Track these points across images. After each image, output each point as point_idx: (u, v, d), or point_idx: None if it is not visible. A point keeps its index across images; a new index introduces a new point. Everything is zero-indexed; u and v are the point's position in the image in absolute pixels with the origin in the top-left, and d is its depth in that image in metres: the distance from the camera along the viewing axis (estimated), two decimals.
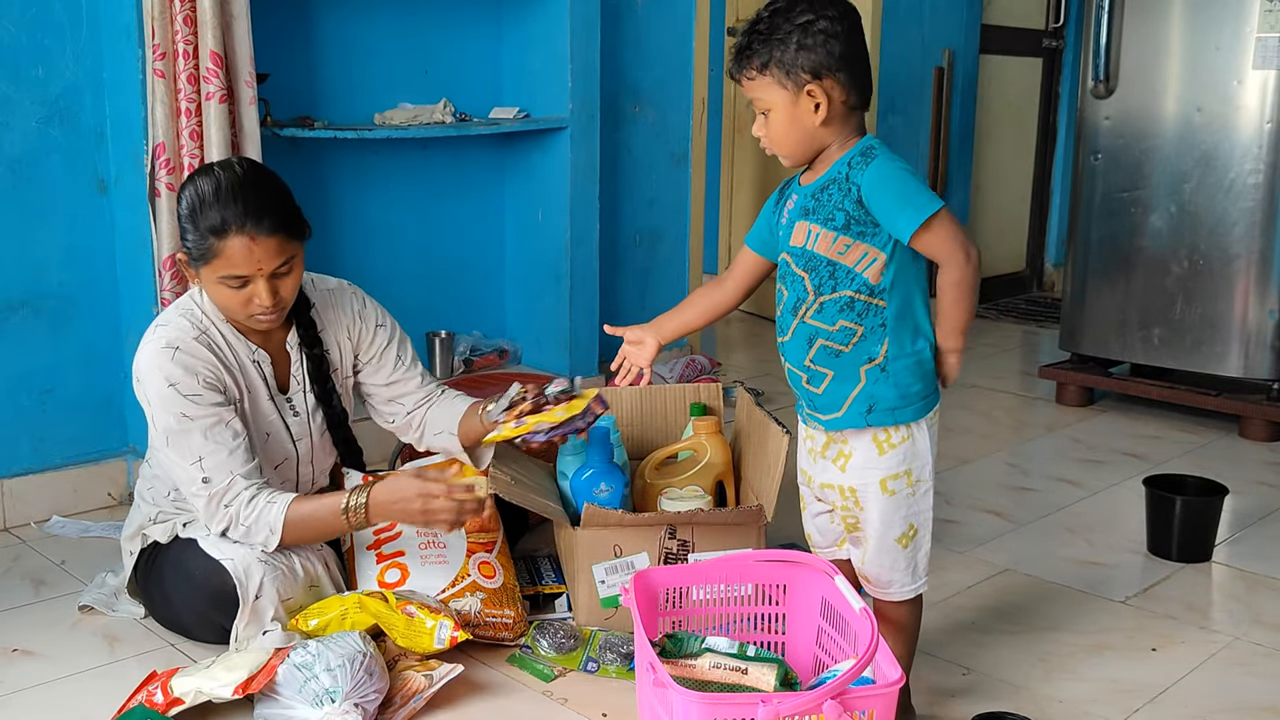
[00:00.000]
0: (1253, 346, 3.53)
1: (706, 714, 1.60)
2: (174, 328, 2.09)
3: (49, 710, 1.98)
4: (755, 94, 1.79)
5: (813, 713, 1.58)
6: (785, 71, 1.74)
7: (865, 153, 1.77)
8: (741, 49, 1.79)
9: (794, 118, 1.77)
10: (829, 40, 1.73)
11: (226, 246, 1.98)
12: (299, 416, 2.23)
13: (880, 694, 1.61)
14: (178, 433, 2.03)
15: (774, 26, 1.74)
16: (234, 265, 2.00)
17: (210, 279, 2.03)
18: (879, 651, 1.67)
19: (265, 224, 1.99)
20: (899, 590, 1.89)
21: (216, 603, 2.04)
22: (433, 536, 2.21)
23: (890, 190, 1.73)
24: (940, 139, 5.09)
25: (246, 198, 1.99)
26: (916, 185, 1.74)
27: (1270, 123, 3.41)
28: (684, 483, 2.44)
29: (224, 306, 2.08)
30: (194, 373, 2.04)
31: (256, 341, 2.16)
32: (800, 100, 1.75)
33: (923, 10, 4.90)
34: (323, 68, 3.22)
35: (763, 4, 1.78)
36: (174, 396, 2.03)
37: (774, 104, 1.77)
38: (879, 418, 1.80)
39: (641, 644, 1.78)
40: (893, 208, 1.73)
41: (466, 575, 2.18)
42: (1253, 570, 2.62)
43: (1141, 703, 2.05)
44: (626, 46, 3.82)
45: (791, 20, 1.74)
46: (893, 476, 1.83)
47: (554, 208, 3.59)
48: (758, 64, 1.76)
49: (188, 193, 2.02)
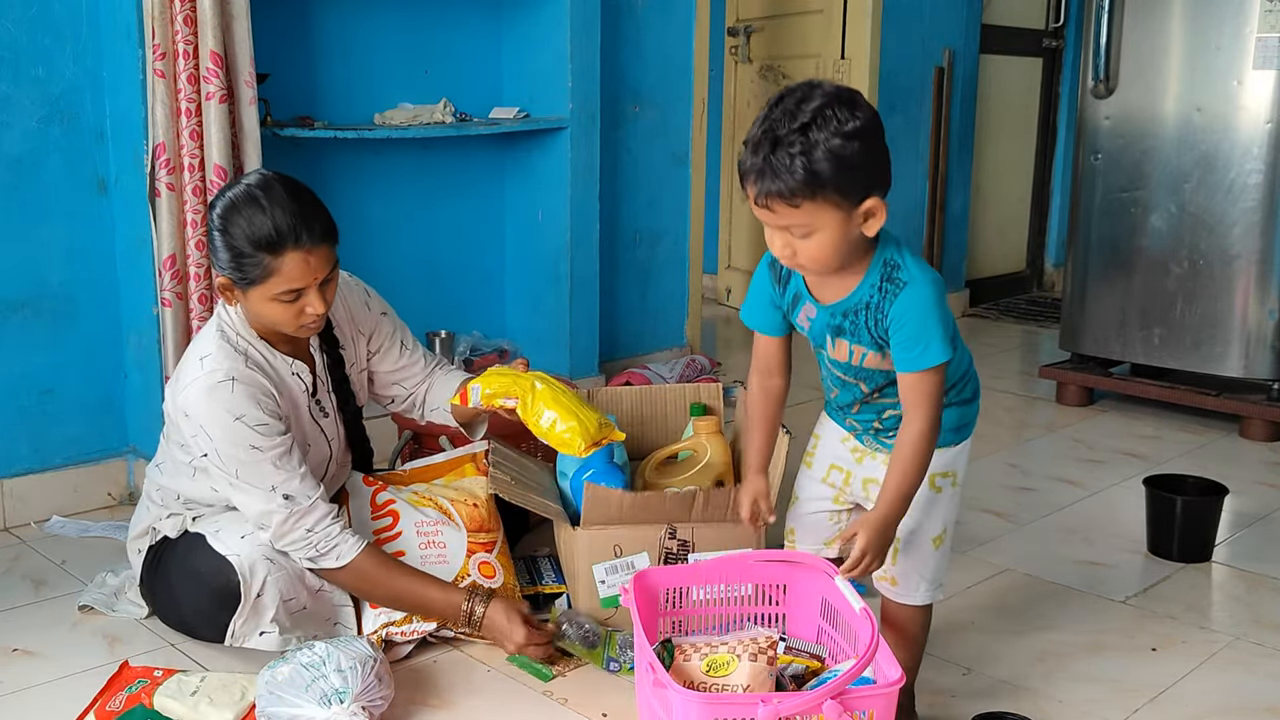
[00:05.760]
0: (1253, 346, 3.53)
1: (706, 714, 1.60)
2: (223, 358, 2.03)
3: (49, 710, 1.98)
4: (798, 220, 1.58)
5: (813, 712, 1.57)
6: (841, 193, 1.55)
7: (891, 275, 1.66)
8: (774, 173, 1.54)
9: (846, 237, 1.60)
10: (877, 144, 1.57)
11: (283, 264, 1.95)
12: (328, 417, 2.24)
13: (880, 694, 1.60)
14: (248, 465, 2.00)
15: (817, 142, 1.53)
16: (291, 280, 1.97)
17: (262, 298, 1.99)
18: (879, 651, 1.67)
19: (316, 233, 1.97)
20: (919, 593, 1.88)
21: (221, 599, 2.04)
22: (433, 536, 2.21)
23: (910, 325, 1.66)
24: (940, 139, 5.08)
25: (293, 212, 1.96)
26: (936, 324, 1.65)
27: (1270, 123, 3.41)
28: (684, 483, 2.44)
29: (274, 322, 2.03)
30: (256, 402, 2.01)
31: (288, 352, 2.14)
32: (854, 217, 1.58)
33: (923, 10, 4.89)
34: (323, 68, 3.22)
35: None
36: (242, 430, 1.99)
37: (823, 225, 1.58)
38: (946, 438, 1.82)
39: (641, 644, 1.77)
40: (905, 340, 1.66)
41: (466, 575, 2.19)
42: (1253, 570, 2.62)
43: (1141, 703, 2.05)
44: (626, 46, 3.82)
45: (842, 132, 1.53)
46: (941, 474, 1.84)
47: (554, 208, 3.59)
48: (807, 188, 1.54)
49: (231, 218, 1.96)
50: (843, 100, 1.56)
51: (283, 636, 2.04)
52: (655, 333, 4.13)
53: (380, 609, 2.13)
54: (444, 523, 2.25)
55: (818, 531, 1.99)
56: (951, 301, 5.28)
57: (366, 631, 2.11)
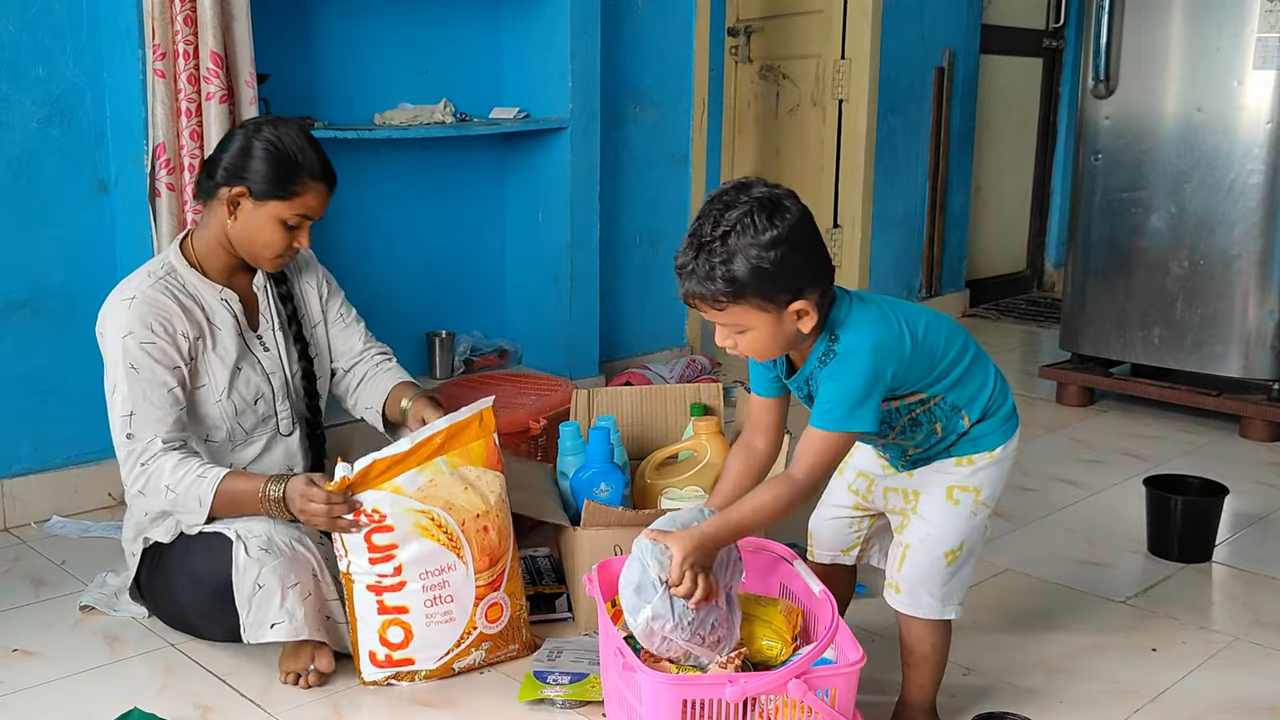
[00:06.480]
0: (1253, 346, 3.53)
1: (675, 694, 1.63)
2: (134, 281, 2.16)
3: (49, 710, 1.98)
4: (727, 320, 1.65)
5: (777, 692, 1.63)
6: (763, 297, 1.60)
7: (830, 349, 1.69)
8: (698, 278, 1.60)
9: (780, 334, 1.66)
10: (797, 250, 1.59)
11: (311, 190, 2.12)
12: (270, 352, 2.27)
13: (842, 673, 1.65)
14: (123, 382, 2.09)
15: (734, 251, 1.57)
16: (307, 208, 2.13)
17: (271, 216, 2.11)
18: (840, 633, 1.71)
19: (334, 178, 2.17)
20: (926, 607, 1.85)
21: (222, 596, 2.04)
22: (439, 591, 2.03)
23: (825, 387, 1.69)
24: (940, 139, 5.08)
25: (323, 151, 2.16)
26: (848, 395, 1.66)
27: (1270, 123, 3.41)
28: (684, 483, 2.44)
29: (264, 244, 2.14)
30: (146, 323, 2.10)
31: (221, 282, 2.22)
32: (784, 317, 1.64)
33: (923, 10, 4.89)
34: (323, 68, 3.22)
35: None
36: (130, 346, 2.09)
37: (753, 325, 1.64)
38: (963, 448, 1.82)
39: (607, 631, 1.78)
40: (819, 397, 1.70)
41: (473, 629, 2.07)
42: (1253, 570, 2.62)
43: (1141, 703, 2.05)
44: (626, 46, 3.82)
45: (758, 242, 1.57)
46: (961, 488, 1.82)
47: (554, 208, 3.59)
48: (727, 295, 1.60)
49: (284, 135, 2.11)
50: (765, 207, 1.59)
51: (294, 626, 2.02)
52: (655, 333, 4.13)
53: (381, 665, 2.05)
54: (450, 567, 2.03)
55: (836, 537, 1.99)
56: (951, 301, 5.31)
57: (367, 679, 2.05)
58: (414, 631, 2.03)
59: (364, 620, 2.03)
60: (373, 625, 2.03)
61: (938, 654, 1.89)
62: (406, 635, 2.03)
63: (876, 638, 2.17)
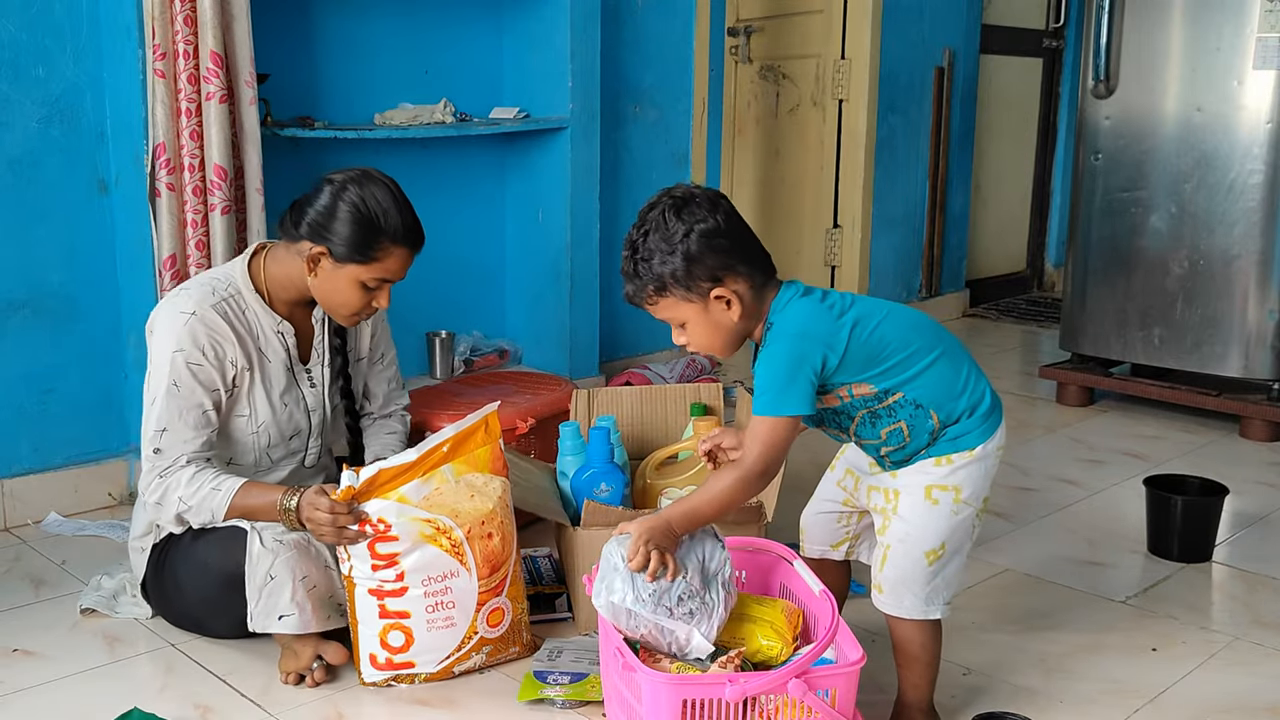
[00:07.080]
0: (1253, 346, 3.53)
1: (674, 694, 1.64)
2: (195, 292, 2.13)
3: (49, 710, 1.98)
4: (665, 314, 1.79)
5: (777, 692, 1.64)
6: (685, 288, 1.74)
7: (766, 336, 1.78)
8: (630, 277, 1.78)
9: (712, 323, 1.78)
10: (711, 240, 1.72)
11: (393, 255, 2.09)
12: (315, 389, 2.28)
13: (842, 673, 1.66)
14: (162, 397, 2.08)
15: (653, 249, 1.73)
16: (388, 272, 2.10)
17: (351, 278, 2.09)
18: (840, 633, 1.71)
19: (420, 241, 2.13)
20: (909, 607, 1.85)
21: (231, 585, 2.05)
22: (441, 597, 2.03)
23: (759, 373, 1.75)
24: (940, 139, 5.08)
25: (412, 214, 2.12)
26: (776, 378, 1.73)
27: (1270, 123, 3.41)
28: (684, 483, 2.44)
29: (341, 302, 2.13)
30: (199, 345, 2.09)
31: (282, 313, 2.21)
32: (711, 306, 1.76)
33: (923, 10, 4.89)
34: (323, 68, 3.22)
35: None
36: (178, 363, 2.08)
37: (686, 317, 1.78)
38: (941, 448, 1.82)
39: (607, 631, 1.78)
40: (755, 382, 1.76)
41: (475, 633, 2.06)
42: (1253, 570, 2.62)
43: (1141, 703, 2.05)
44: (626, 46, 3.82)
45: (669, 238, 1.72)
46: (940, 487, 1.82)
47: (554, 208, 3.59)
48: (653, 289, 1.76)
49: (369, 195, 2.07)
50: (676, 204, 1.73)
51: (303, 619, 2.02)
52: (655, 333, 4.12)
53: (382, 668, 2.04)
54: (454, 574, 2.02)
55: (825, 532, 1.99)
56: (951, 302, 5.31)
57: (367, 680, 2.05)
58: (415, 636, 2.02)
59: (365, 623, 2.03)
60: (374, 629, 2.02)
61: (928, 654, 1.89)
62: (407, 639, 2.02)
63: (876, 638, 2.17)
